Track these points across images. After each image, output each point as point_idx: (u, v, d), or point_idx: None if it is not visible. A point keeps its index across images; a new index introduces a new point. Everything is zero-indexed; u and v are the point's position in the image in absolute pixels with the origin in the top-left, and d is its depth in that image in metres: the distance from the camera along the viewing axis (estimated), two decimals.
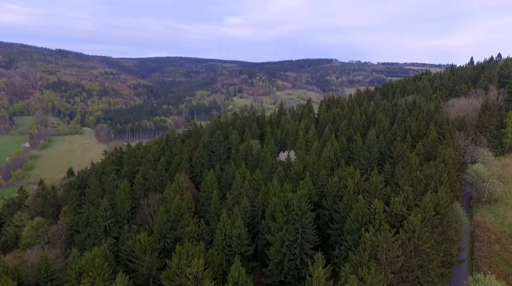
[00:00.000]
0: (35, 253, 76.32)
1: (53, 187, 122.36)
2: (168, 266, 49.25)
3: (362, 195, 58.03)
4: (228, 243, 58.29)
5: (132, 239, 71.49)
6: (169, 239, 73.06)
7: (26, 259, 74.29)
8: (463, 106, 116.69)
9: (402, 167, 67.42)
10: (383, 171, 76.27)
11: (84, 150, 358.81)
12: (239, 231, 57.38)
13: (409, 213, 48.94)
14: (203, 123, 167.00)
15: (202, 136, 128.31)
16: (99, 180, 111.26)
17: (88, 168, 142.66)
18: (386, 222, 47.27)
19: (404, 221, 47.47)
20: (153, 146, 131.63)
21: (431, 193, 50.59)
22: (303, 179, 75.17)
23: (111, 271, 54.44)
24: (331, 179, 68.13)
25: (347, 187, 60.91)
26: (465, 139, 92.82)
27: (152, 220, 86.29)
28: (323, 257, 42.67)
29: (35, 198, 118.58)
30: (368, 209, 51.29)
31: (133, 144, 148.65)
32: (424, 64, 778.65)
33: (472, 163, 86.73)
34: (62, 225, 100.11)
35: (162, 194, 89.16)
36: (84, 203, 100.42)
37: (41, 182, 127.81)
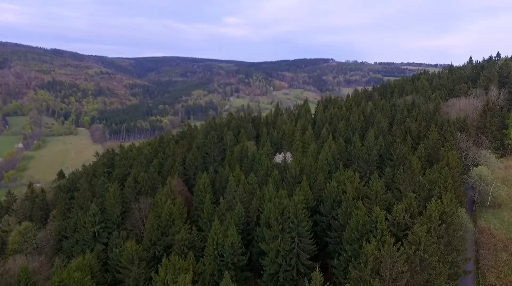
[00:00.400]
0: (19, 261, 72.69)
1: (42, 190, 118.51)
2: (154, 280, 45.85)
3: (362, 201, 54.84)
4: (220, 253, 54.96)
5: (120, 247, 68.20)
6: (159, 247, 69.82)
7: (8, 268, 70.68)
8: (463, 106, 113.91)
9: (403, 171, 64.19)
10: (384, 175, 73.00)
11: (78, 150, 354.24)
12: (231, 240, 54.06)
13: (413, 221, 45.81)
14: (198, 124, 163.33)
15: (196, 137, 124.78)
16: (89, 183, 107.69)
17: (80, 170, 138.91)
18: (389, 231, 44.06)
19: (407, 231, 44.29)
20: (145, 148, 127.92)
21: (436, 200, 47.37)
22: (300, 182, 72.02)
23: (94, 283, 50.95)
24: (329, 184, 64.88)
25: (346, 193, 57.71)
26: (467, 141, 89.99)
27: (143, 225, 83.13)
28: (321, 274, 39.26)
29: (23, 202, 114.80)
30: (368, 216, 48.09)
31: (128, 144, 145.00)
32: (420, 64, 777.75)
33: (474, 165, 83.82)
34: (51, 230, 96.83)
35: (154, 198, 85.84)
36: (73, 207, 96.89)
37: (30, 184, 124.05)
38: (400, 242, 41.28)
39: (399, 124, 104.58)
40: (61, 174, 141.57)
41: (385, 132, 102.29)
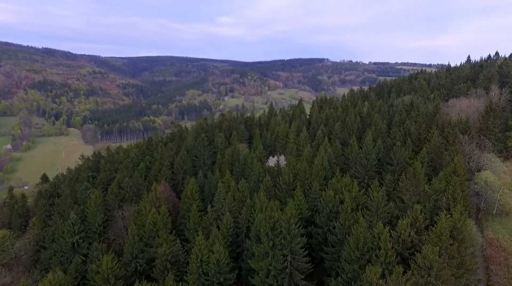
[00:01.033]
0: None
1: (23, 195, 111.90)
2: None
3: (362, 213, 49.65)
4: (205, 271, 49.53)
5: (98, 260, 62.56)
6: (141, 260, 64.43)
7: None
8: (464, 107, 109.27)
9: (406, 178, 58.88)
10: (384, 182, 67.53)
11: (69, 152, 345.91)
12: (218, 257, 48.62)
13: (420, 238, 40.70)
14: (189, 125, 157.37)
15: (186, 139, 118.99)
16: (72, 189, 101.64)
17: (64, 173, 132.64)
18: (393, 250, 38.91)
19: (413, 249, 39.15)
20: (133, 150, 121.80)
21: (445, 213, 42.19)
22: (293, 190, 66.84)
23: None
24: (325, 192, 59.58)
25: (343, 203, 52.44)
26: (470, 144, 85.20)
27: (127, 234, 77.46)
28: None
29: (2, 208, 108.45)
30: (369, 232, 42.89)
31: (116, 146, 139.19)
32: (415, 64, 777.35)
33: (477, 170, 78.92)
34: (30, 239, 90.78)
35: (138, 205, 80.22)
36: (53, 215, 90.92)
37: (10, 189, 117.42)
38: (407, 267, 36.04)
39: (398, 126, 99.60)
40: (44, 178, 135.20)
41: (384, 134, 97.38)
